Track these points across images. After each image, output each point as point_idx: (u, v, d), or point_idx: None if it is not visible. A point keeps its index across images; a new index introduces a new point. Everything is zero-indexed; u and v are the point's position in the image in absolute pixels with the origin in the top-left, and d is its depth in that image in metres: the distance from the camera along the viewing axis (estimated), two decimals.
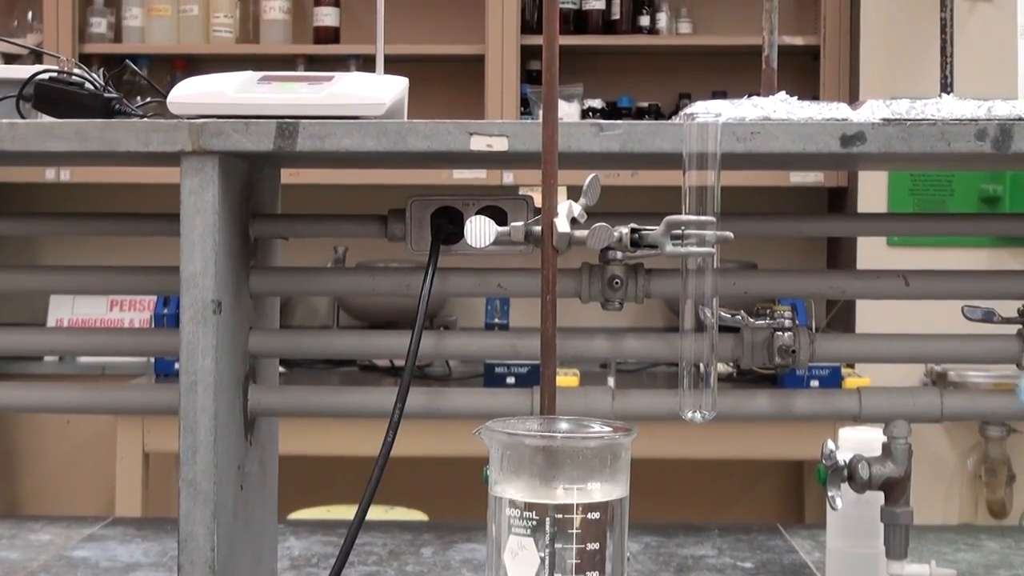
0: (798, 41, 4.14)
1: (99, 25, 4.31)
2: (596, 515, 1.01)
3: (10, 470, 4.42)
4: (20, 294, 4.21)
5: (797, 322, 1.40)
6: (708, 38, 4.35)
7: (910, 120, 1.28)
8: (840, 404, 1.44)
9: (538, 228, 1.19)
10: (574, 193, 1.22)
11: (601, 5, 4.31)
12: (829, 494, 1.41)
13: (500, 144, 1.28)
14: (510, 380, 3.50)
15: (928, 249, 3.68)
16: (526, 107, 4.18)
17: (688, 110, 1.25)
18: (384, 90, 1.34)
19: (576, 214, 1.19)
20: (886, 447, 1.41)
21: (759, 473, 4.38)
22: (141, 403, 1.59)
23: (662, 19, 4.33)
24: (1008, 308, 1.43)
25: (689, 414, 1.20)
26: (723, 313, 1.28)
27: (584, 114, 4.20)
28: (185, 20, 4.31)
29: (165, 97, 1.35)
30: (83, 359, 4.03)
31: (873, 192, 3.92)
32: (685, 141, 1.16)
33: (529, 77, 4.24)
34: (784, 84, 1.45)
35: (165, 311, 3.77)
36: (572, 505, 1.01)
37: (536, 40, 4.00)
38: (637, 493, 1.07)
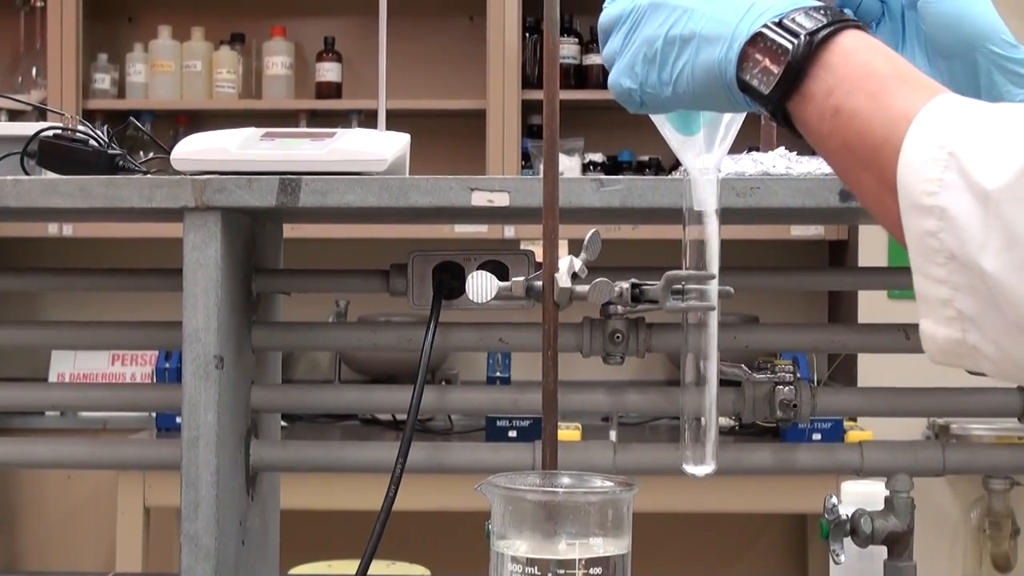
0: None
1: (103, 81, 4.33)
2: (598, 570, 1.01)
3: (11, 525, 4.40)
4: (22, 349, 4.21)
5: (798, 376, 1.40)
6: None
7: None
8: (842, 458, 1.44)
9: (539, 283, 1.20)
10: (575, 247, 1.22)
11: (601, 60, 4.33)
12: (832, 548, 1.40)
13: (501, 200, 1.29)
14: (512, 434, 3.49)
15: None
16: (527, 161, 4.19)
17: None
18: (386, 146, 1.34)
19: (577, 269, 1.20)
20: (889, 501, 1.41)
21: (762, 527, 4.36)
22: (142, 458, 1.59)
23: None
24: None
25: (691, 468, 1.19)
26: (724, 367, 1.28)
27: (585, 168, 4.21)
28: (188, 76, 4.34)
29: (168, 153, 1.36)
30: (84, 414, 4.02)
31: (874, 245, 3.92)
32: (685, 196, 1.16)
33: (530, 131, 4.25)
34: (783, 139, 1.46)
35: (167, 365, 3.77)
36: (574, 560, 1.00)
37: (537, 95, 4.02)
38: (639, 548, 1.07)
